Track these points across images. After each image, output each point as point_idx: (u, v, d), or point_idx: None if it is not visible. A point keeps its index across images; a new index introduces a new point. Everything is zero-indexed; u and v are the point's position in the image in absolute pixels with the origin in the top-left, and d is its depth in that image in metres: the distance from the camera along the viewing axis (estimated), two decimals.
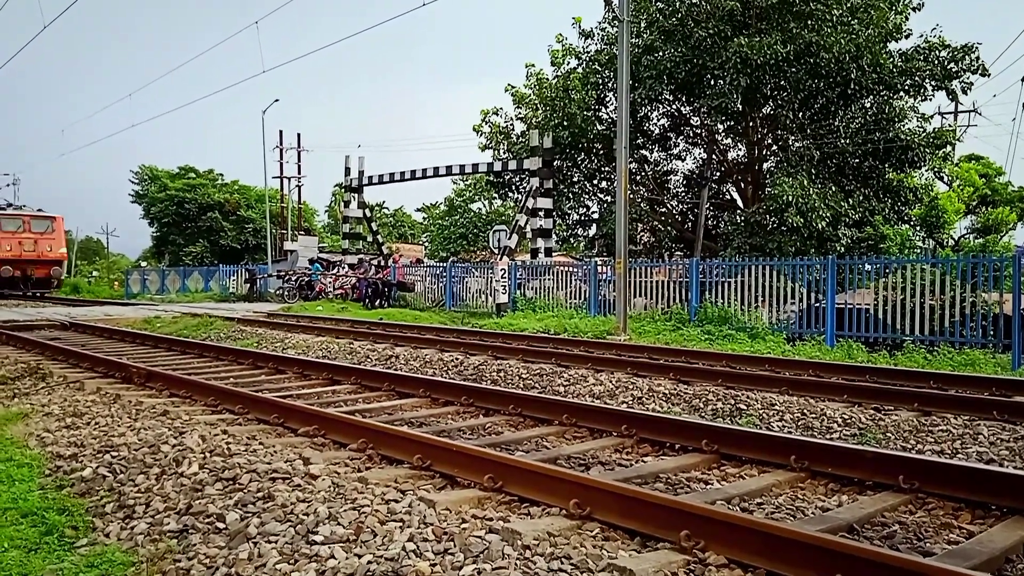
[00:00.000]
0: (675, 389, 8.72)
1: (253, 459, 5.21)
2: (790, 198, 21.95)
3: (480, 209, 58.75)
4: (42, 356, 12.30)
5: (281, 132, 72.15)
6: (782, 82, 23.74)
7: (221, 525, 4.05)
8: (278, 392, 8.90)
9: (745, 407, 7.90)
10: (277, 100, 60.72)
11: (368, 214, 36.13)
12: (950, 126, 34.86)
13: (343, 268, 34.92)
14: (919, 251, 24.12)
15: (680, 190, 30.72)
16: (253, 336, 16.11)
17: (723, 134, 28.34)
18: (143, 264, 70.92)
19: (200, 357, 12.64)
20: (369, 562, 3.52)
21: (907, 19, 23.95)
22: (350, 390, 9.31)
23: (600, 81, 27.77)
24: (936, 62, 23.04)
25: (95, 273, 68.05)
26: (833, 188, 23.44)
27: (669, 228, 29.96)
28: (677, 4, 25.00)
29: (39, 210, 40.75)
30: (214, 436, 6.03)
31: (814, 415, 7.43)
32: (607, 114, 28.46)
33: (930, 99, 24.81)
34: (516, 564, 3.54)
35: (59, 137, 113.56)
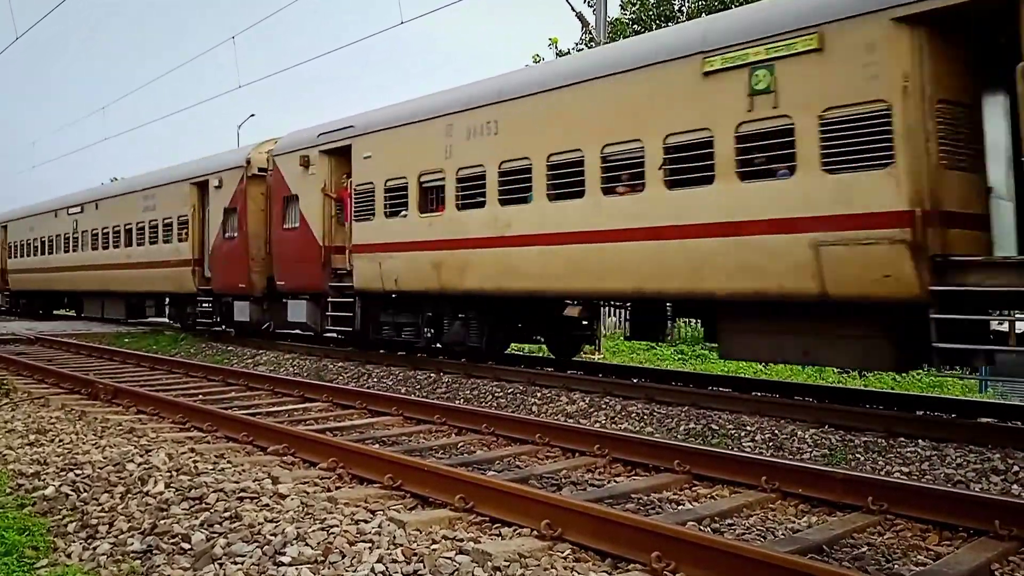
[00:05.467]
0: (648, 409, 8.73)
1: (221, 478, 5.14)
2: None
3: None
4: (6, 371, 12.06)
5: None
6: None
7: (186, 546, 3.98)
8: (248, 409, 8.80)
9: (717, 427, 7.93)
10: (253, 115, 60.39)
11: None
12: None
13: None
14: None
15: None
16: (223, 352, 15.95)
17: None
18: None
19: (170, 373, 12.47)
20: None
21: None
22: (322, 408, 9.23)
23: None
24: None
25: None
26: None
27: None
28: (653, 26, 25.31)
29: None
30: (181, 454, 5.94)
31: (785, 436, 7.47)
32: None
33: None
34: None
35: (30, 149, 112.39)
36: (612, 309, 16.64)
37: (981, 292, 6.92)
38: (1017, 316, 7.20)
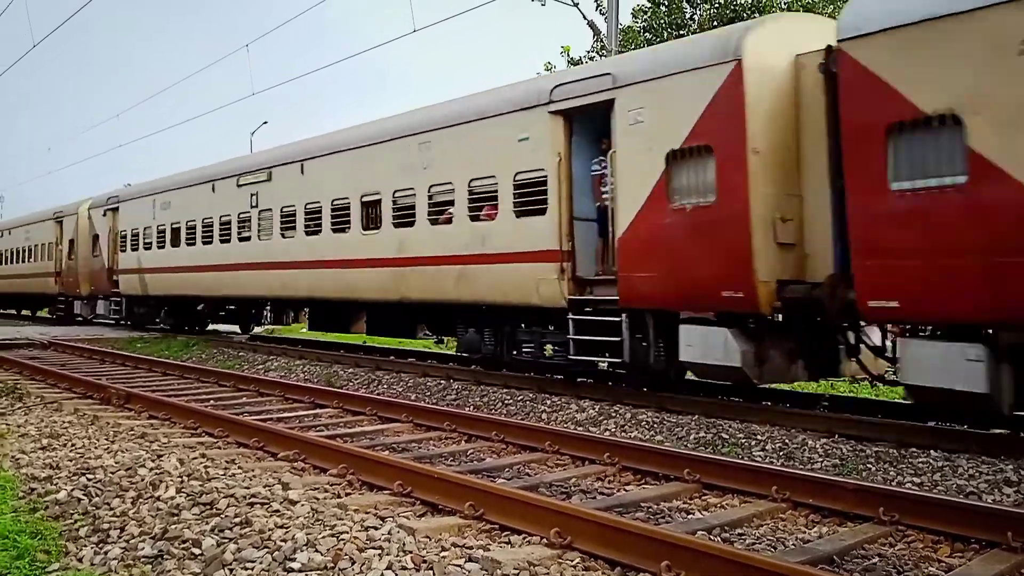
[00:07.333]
0: (658, 417, 8.71)
1: (231, 483, 5.16)
2: None
3: None
4: (20, 376, 12.15)
5: None
6: None
7: (197, 551, 4.00)
8: (259, 415, 8.83)
9: (727, 436, 7.90)
10: (266, 122, 60.83)
11: None
12: None
13: None
14: None
15: None
16: (234, 358, 16.01)
17: None
18: None
19: (181, 379, 12.53)
20: None
21: None
22: (332, 414, 9.25)
23: None
24: None
25: None
26: None
27: None
28: (665, 35, 25.32)
29: None
30: (192, 459, 5.97)
31: (796, 445, 7.43)
32: None
33: None
34: None
35: (46, 155, 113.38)
36: None
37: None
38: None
